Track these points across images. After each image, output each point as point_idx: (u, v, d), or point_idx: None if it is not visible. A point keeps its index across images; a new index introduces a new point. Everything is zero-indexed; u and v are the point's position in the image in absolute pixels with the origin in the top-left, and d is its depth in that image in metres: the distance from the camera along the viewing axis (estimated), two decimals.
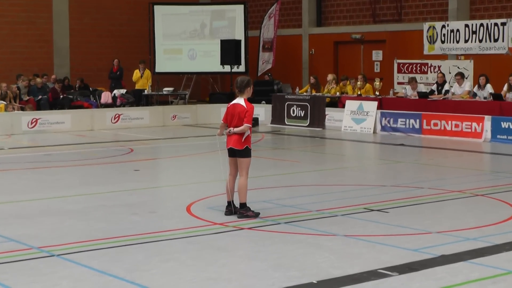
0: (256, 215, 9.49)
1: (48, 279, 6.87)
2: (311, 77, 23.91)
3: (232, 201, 9.60)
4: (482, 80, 19.58)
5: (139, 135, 20.49)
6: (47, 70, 26.47)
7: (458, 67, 21.35)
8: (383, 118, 20.61)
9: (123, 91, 25.08)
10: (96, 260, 7.47)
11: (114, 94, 24.91)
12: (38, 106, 23.12)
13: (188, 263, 7.41)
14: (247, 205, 9.53)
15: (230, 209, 9.60)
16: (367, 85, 22.26)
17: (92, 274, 7.02)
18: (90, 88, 25.67)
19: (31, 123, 21.21)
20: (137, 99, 24.99)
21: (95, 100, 24.75)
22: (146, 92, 25.01)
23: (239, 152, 9.48)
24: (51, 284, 6.71)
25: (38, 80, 24.02)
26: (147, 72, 25.52)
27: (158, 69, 28.04)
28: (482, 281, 6.75)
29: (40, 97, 23.42)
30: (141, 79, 25.25)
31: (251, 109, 9.48)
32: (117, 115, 22.71)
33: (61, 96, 23.97)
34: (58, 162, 15.29)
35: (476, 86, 19.78)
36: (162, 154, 17.22)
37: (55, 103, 23.68)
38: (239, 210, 9.53)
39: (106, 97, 24.71)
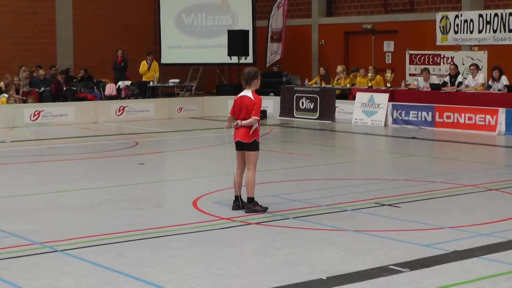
0: (264, 209, 9.39)
1: (51, 275, 6.79)
2: (321, 69, 23.76)
3: (240, 195, 9.49)
4: (495, 73, 19.41)
5: (144, 128, 20.41)
6: (50, 61, 26.35)
7: (471, 58, 21.17)
8: (395, 111, 20.43)
9: (128, 82, 24.93)
10: (100, 256, 7.41)
11: (119, 86, 24.76)
12: (41, 98, 22.98)
13: (195, 259, 7.33)
14: (255, 199, 9.42)
15: (238, 203, 9.50)
16: (378, 76, 22.09)
17: (96, 270, 6.94)
18: (94, 80, 25.52)
19: (34, 115, 21.13)
20: (143, 91, 24.82)
21: (99, 92, 24.62)
22: (151, 84, 24.83)
23: (246, 146, 9.36)
24: (54, 280, 6.62)
25: (41, 72, 23.84)
26: (155, 64, 25.34)
27: (164, 60, 27.87)
28: (496, 277, 6.66)
29: (43, 89, 23.26)
30: (149, 72, 25.05)
31: (259, 101, 9.35)
32: (121, 108, 22.61)
33: (65, 88, 23.80)
34: (61, 156, 15.19)
35: (491, 80, 19.57)
36: (168, 148, 17.13)
37: (58, 95, 23.53)
38: (247, 204, 9.43)
39: (110, 89, 24.54)
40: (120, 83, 24.90)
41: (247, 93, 9.41)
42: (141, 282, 6.54)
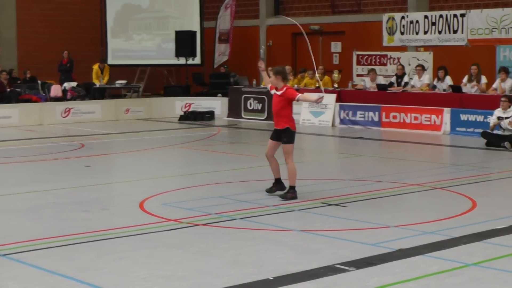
0: (296, 197, 10.21)
1: None
2: (269, 69, 23.68)
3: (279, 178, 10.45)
4: (441, 73, 19.68)
5: (90, 130, 20.17)
6: None
7: (417, 59, 21.37)
8: (342, 111, 20.57)
9: (74, 84, 24.57)
10: (45, 260, 7.30)
11: (65, 87, 24.37)
12: None
13: (142, 261, 7.28)
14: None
15: (276, 186, 10.44)
16: (326, 77, 22.17)
17: (41, 274, 6.84)
18: (39, 81, 25.06)
19: None
20: (92, 93, 24.49)
21: (44, 93, 24.20)
22: (97, 85, 24.52)
23: (283, 133, 10.13)
24: None
25: None
26: (107, 69, 25.05)
27: (111, 61, 27.56)
28: (440, 274, 6.75)
29: None
30: (102, 75, 24.73)
31: (289, 87, 10.33)
32: (67, 109, 22.36)
33: (8, 90, 23.35)
34: (5, 159, 14.88)
35: (436, 79, 19.84)
36: (115, 149, 16.95)
37: (1, 97, 23.03)
38: (289, 190, 10.20)
39: (56, 90, 24.11)
40: (65, 84, 24.51)
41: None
42: (87, 286, 6.47)
